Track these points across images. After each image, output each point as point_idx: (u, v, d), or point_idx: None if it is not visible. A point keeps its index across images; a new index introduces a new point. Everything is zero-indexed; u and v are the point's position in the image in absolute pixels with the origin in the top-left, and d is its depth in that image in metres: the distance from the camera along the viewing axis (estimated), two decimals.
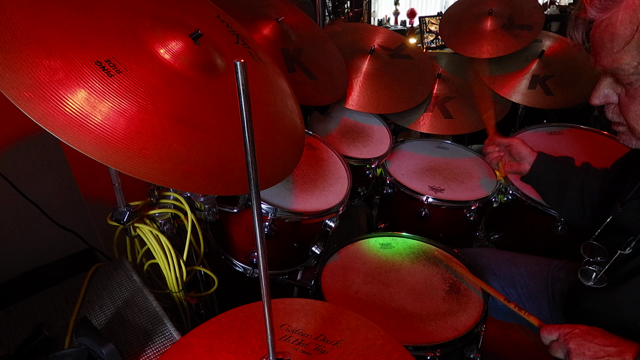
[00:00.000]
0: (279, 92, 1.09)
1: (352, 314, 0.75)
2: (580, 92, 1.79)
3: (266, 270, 0.53)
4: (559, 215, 1.36)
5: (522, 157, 1.29)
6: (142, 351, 0.84)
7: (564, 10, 4.38)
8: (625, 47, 0.72)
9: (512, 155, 1.32)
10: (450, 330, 0.97)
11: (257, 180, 0.47)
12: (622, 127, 0.84)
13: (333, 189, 1.31)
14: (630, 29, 0.70)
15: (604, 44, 0.75)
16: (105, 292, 0.97)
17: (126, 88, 0.70)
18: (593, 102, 0.85)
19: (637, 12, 0.69)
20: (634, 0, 0.70)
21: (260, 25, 1.47)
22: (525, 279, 1.21)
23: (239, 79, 0.40)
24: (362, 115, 1.77)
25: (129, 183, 0.98)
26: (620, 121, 0.83)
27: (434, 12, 5.14)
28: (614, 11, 0.72)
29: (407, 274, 1.14)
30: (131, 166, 0.68)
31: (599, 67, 0.80)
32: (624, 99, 0.79)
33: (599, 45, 0.77)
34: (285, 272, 1.34)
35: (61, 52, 0.67)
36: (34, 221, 1.19)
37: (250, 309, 0.76)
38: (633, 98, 0.77)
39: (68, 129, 0.63)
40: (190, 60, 0.82)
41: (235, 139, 0.83)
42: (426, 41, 4.35)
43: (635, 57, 0.72)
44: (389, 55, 1.80)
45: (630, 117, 0.79)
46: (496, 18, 1.91)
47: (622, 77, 0.77)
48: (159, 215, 1.05)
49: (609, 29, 0.73)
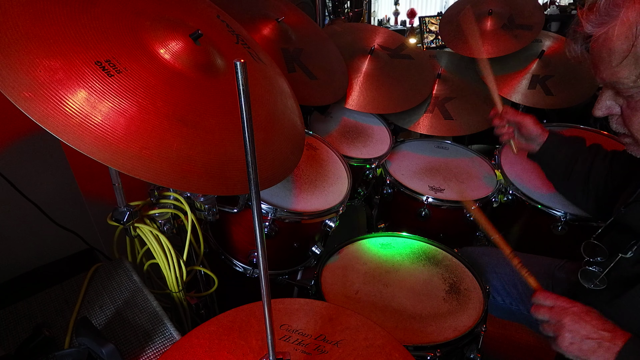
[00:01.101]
0: (279, 92, 1.09)
1: (352, 314, 0.75)
2: (580, 92, 1.79)
3: (266, 270, 0.53)
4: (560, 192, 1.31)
5: (533, 138, 1.25)
6: (142, 351, 0.84)
7: (564, 10, 4.38)
8: (623, 62, 0.73)
9: (522, 134, 1.27)
10: (450, 330, 0.97)
11: (257, 180, 0.47)
12: (627, 139, 0.84)
13: (333, 189, 1.31)
14: (627, 44, 0.71)
15: (602, 58, 0.76)
16: (105, 292, 0.97)
17: (126, 88, 0.70)
18: (596, 113, 0.85)
19: (632, 27, 0.70)
20: (629, 15, 0.70)
21: (260, 25, 1.47)
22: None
23: (239, 79, 0.40)
24: (362, 115, 1.77)
25: (129, 183, 0.98)
26: (625, 132, 0.83)
27: (434, 12, 5.14)
28: (610, 26, 0.73)
29: (407, 274, 1.14)
30: (131, 166, 0.68)
31: (599, 80, 0.80)
32: (626, 111, 0.80)
33: (598, 59, 0.77)
34: (285, 272, 1.34)
35: (61, 52, 0.67)
36: (34, 221, 1.19)
37: (250, 309, 0.76)
38: (635, 110, 0.78)
39: (68, 129, 0.63)
40: (190, 60, 0.82)
41: (235, 139, 0.83)
42: (426, 41, 4.35)
43: (633, 71, 0.73)
44: (389, 55, 1.80)
45: (634, 129, 0.79)
46: (496, 18, 1.91)
47: (622, 90, 0.77)
48: (159, 215, 1.05)
49: (606, 44, 0.74)
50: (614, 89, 0.80)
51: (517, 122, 1.28)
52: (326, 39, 1.71)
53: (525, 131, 1.26)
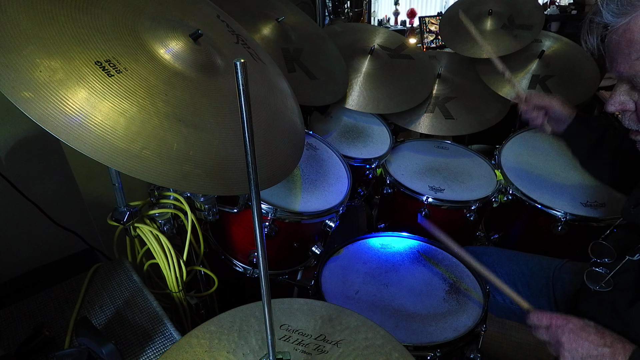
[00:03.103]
0: (279, 92, 1.09)
1: (352, 314, 0.75)
2: (580, 92, 1.79)
3: (266, 270, 0.53)
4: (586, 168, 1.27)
5: (563, 119, 1.22)
6: (142, 351, 0.84)
7: (564, 10, 4.38)
8: None
9: (551, 117, 1.25)
10: (450, 330, 0.97)
11: (257, 180, 0.47)
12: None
13: (333, 189, 1.31)
14: None
15: (621, 50, 0.73)
16: (105, 292, 0.97)
17: (126, 88, 0.70)
18: (609, 109, 0.82)
19: None
20: None
21: (260, 25, 1.47)
22: (527, 278, 1.21)
23: (239, 79, 0.40)
24: (362, 115, 1.77)
25: (129, 183, 0.98)
26: (638, 129, 0.81)
27: (434, 12, 5.13)
28: (633, 16, 0.69)
29: (407, 274, 1.14)
30: (131, 166, 0.68)
31: (615, 73, 0.77)
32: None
33: (616, 51, 0.74)
34: (285, 272, 1.33)
35: (61, 52, 0.67)
36: (34, 221, 1.19)
37: (250, 309, 0.76)
38: None
39: (68, 129, 0.63)
40: (190, 60, 0.82)
41: (235, 139, 0.83)
42: (426, 41, 4.34)
43: None
44: (389, 55, 1.80)
45: None
46: (496, 18, 1.91)
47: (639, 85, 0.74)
48: (159, 215, 1.05)
49: (627, 35, 0.71)
50: (630, 83, 0.77)
51: (545, 106, 1.25)
52: (326, 39, 1.71)
53: (555, 114, 1.23)
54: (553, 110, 1.23)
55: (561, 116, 1.22)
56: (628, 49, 0.71)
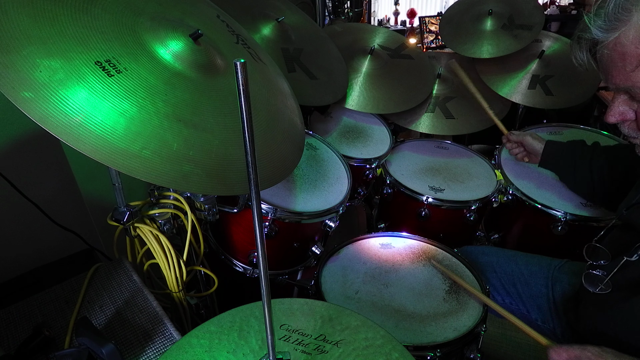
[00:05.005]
0: (279, 92, 1.09)
1: (352, 314, 0.75)
2: (580, 92, 1.79)
3: (266, 270, 0.53)
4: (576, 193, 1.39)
5: (536, 151, 1.42)
6: (142, 351, 0.84)
7: (564, 10, 4.38)
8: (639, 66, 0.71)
9: (527, 150, 1.46)
10: (450, 330, 0.97)
11: (257, 180, 0.47)
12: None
13: (333, 189, 1.31)
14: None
15: (615, 64, 0.74)
16: (105, 292, 0.97)
17: (126, 88, 0.70)
18: (609, 120, 0.82)
19: None
20: None
21: (260, 25, 1.47)
22: (526, 278, 1.21)
23: (239, 79, 0.40)
24: (362, 115, 1.77)
25: (129, 183, 0.98)
26: (637, 136, 0.81)
27: (434, 12, 5.13)
28: (622, 31, 0.71)
29: (407, 274, 1.14)
30: (131, 166, 0.68)
31: (611, 85, 0.78)
32: None
33: (609, 64, 0.75)
34: (285, 272, 1.33)
35: (61, 52, 0.67)
36: (34, 221, 1.19)
37: (250, 309, 0.76)
38: None
39: (68, 129, 0.63)
40: (190, 60, 0.82)
41: (235, 139, 0.83)
42: (426, 41, 4.35)
43: None
44: (389, 55, 1.80)
45: None
46: (496, 18, 1.91)
47: (638, 95, 0.75)
48: (159, 215, 1.05)
49: (618, 49, 0.72)
50: (628, 93, 0.78)
51: (520, 142, 1.46)
52: (326, 39, 1.71)
53: (529, 148, 1.44)
54: (527, 144, 1.44)
55: (535, 148, 1.43)
56: (622, 62, 0.72)
